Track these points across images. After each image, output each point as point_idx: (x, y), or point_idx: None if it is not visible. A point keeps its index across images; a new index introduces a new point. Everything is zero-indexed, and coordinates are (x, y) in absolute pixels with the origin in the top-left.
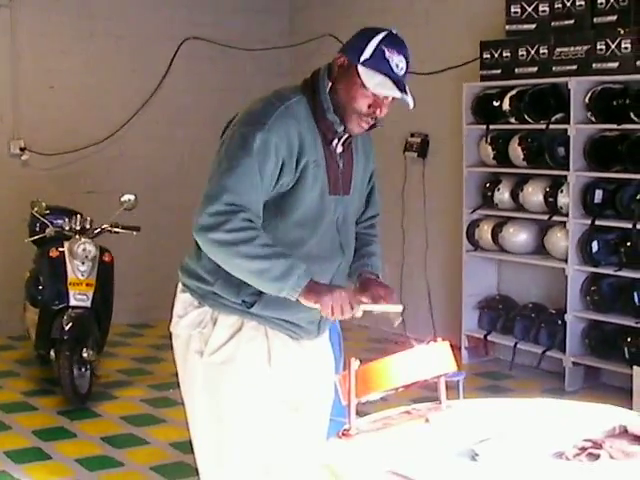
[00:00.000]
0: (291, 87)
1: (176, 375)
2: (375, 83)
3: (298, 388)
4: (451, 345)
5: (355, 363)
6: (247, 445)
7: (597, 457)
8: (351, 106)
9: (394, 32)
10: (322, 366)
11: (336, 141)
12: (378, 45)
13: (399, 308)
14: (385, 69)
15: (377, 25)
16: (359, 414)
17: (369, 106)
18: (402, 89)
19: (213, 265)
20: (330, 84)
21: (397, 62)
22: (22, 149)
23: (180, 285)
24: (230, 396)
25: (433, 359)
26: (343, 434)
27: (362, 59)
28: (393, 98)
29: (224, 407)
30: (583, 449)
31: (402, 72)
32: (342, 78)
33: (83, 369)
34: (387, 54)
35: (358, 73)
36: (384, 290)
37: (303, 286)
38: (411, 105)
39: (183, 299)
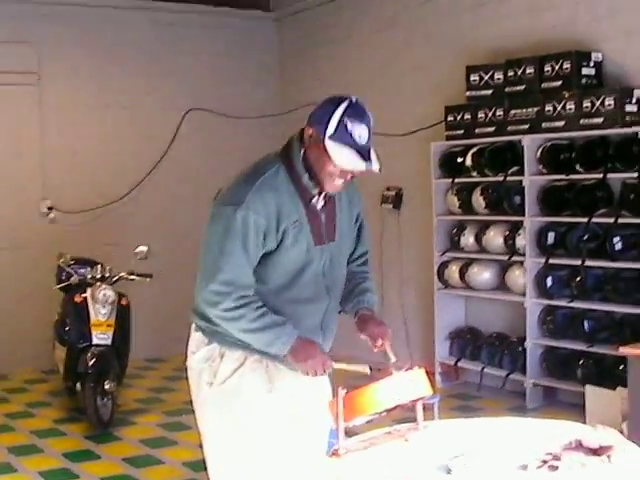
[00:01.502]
0: (271, 156)
1: (188, 403)
2: (341, 159)
3: (297, 411)
4: (426, 371)
5: (342, 392)
6: (253, 462)
7: (556, 469)
8: (323, 173)
9: (354, 100)
10: (319, 389)
11: (316, 198)
12: (341, 118)
13: (367, 369)
14: (349, 141)
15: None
16: (348, 435)
17: (340, 172)
18: (366, 158)
19: None
20: (303, 150)
21: (359, 132)
22: (49, 208)
23: (193, 325)
24: (236, 420)
25: (411, 385)
26: (333, 454)
27: (327, 134)
28: None
29: (231, 430)
30: (544, 462)
31: (365, 140)
32: (313, 148)
33: (105, 399)
34: (349, 126)
35: (325, 147)
36: (379, 329)
37: (285, 352)
38: (376, 170)
39: (195, 337)
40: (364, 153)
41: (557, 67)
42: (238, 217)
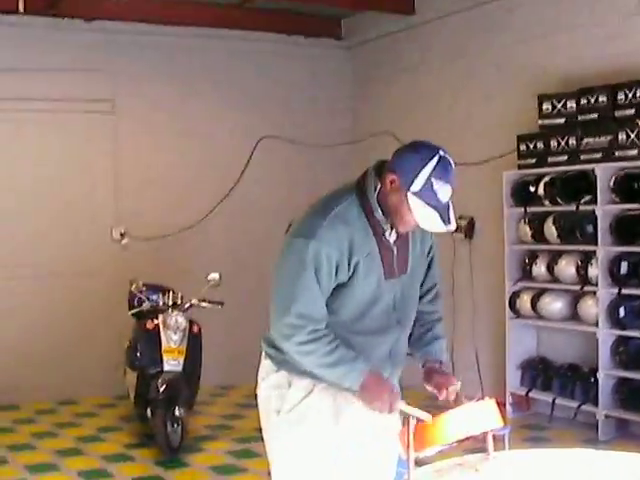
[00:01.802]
0: (345, 187)
1: (258, 430)
2: (422, 218)
3: (364, 440)
4: (497, 402)
5: (413, 421)
6: None
7: None
8: (399, 218)
9: (442, 156)
10: (387, 420)
11: (388, 232)
12: (429, 177)
13: (429, 418)
14: (433, 202)
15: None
16: (418, 465)
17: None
18: (446, 219)
19: None
20: (379, 187)
21: (444, 193)
22: (122, 234)
23: (263, 352)
24: (303, 449)
25: (482, 416)
26: None
27: (412, 190)
28: None
29: (297, 459)
30: None
31: (447, 199)
32: (392, 194)
33: (175, 425)
34: (435, 186)
35: (407, 199)
36: (444, 379)
37: (356, 387)
38: (452, 228)
39: (265, 365)
40: (445, 214)
41: (630, 95)
42: (310, 249)
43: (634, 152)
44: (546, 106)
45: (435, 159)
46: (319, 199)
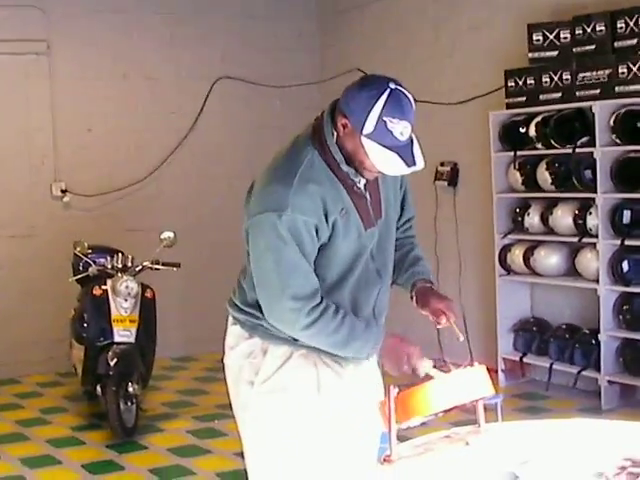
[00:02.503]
0: (301, 140)
1: (222, 406)
2: (381, 163)
3: (347, 412)
4: (488, 368)
5: (394, 390)
6: (298, 469)
7: (637, 476)
8: (361, 165)
9: (393, 89)
10: (371, 389)
11: (358, 179)
12: (379, 116)
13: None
14: (389, 142)
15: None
16: (400, 439)
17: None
18: (409, 161)
19: (257, 301)
20: (336, 135)
21: (401, 130)
22: (63, 191)
23: (230, 318)
24: (281, 423)
25: (470, 383)
26: (385, 460)
27: (364, 132)
28: None
29: (275, 433)
30: (623, 468)
31: (407, 136)
32: (348, 140)
33: (129, 403)
34: (389, 125)
35: (362, 143)
36: (442, 304)
37: (376, 355)
38: (419, 168)
39: (234, 331)
40: (406, 154)
41: (632, 23)
42: (284, 223)
43: (636, 87)
44: (537, 37)
45: (385, 95)
46: (275, 161)
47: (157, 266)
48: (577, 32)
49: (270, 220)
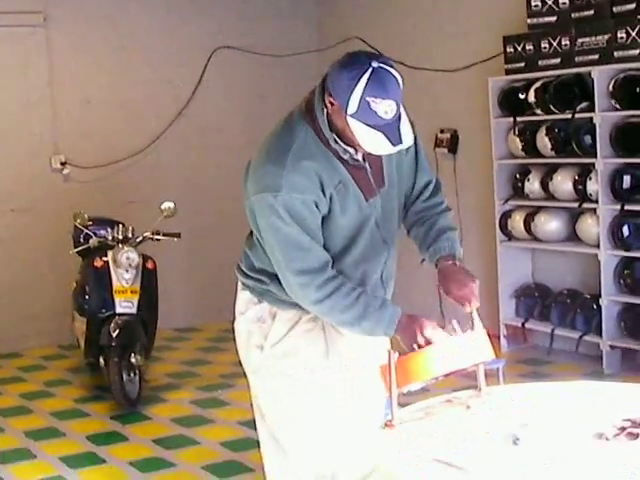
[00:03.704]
0: (295, 116)
1: (225, 376)
2: (366, 143)
3: (355, 374)
4: (490, 334)
5: (394, 355)
6: (306, 432)
7: (637, 436)
8: (349, 140)
9: (376, 68)
10: (379, 353)
11: (353, 151)
12: (362, 96)
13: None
14: (373, 122)
15: (400, 27)
16: (401, 404)
17: None
18: (395, 140)
19: (264, 267)
20: (326, 112)
21: (385, 109)
22: (63, 163)
23: (240, 284)
24: (289, 385)
25: (471, 347)
26: (386, 425)
27: (349, 112)
28: None
29: (284, 396)
30: (623, 429)
31: (392, 114)
32: (336, 117)
33: (132, 374)
34: (372, 105)
35: (348, 122)
36: (463, 291)
37: (392, 333)
38: (406, 146)
39: (243, 297)
40: (393, 133)
41: None
42: (281, 203)
43: (635, 52)
44: (535, 3)
45: (367, 74)
46: (269, 139)
47: (158, 237)
48: None
49: (266, 201)
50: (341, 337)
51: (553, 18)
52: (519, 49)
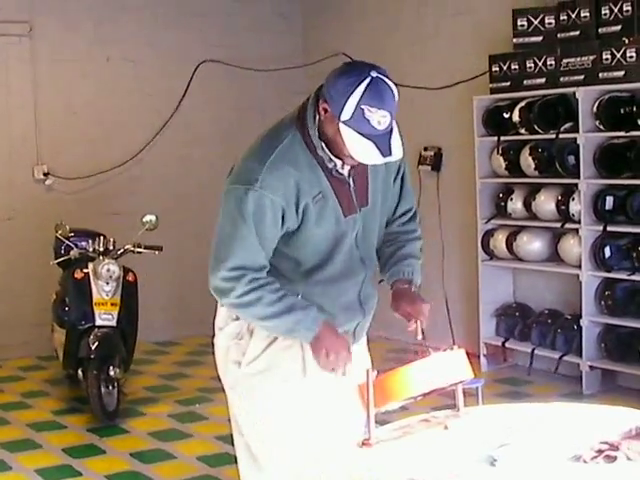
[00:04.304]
0: (285, 121)
1: (203, 390)
2: (356, 151)
3: (332, 394)
4: (470, 353)
5: (372, 374)
6: (283, 449)
7: (614, 459)
8: (338, 150)
9: (375, 77)
10: (357, 368)
11: (340, 164)
12: (358, 103)
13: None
14: (366, 131)
15: (386, 39)
16: (379, 423)
17: None
18: (385, 151)
19: None
20: (318, 119)
21: (379, 119)
22: (45, 174)
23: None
24: (267, 403)
25: (450, 367)
26: (363, 443)
27: (342, 118)
28: None
29: (261, 414)
30: (600, 451)
31: (385, 126)
32: (328, 125)
33: (110, 387)
34: (367, 114)
35: (340, 129)
36: (412, 308)
37: (310, 339)
38: (395, 159)
39: (222, 312)
40: (383, 144)
41: (616, 9)
42: (250, 198)
43: (620, 73)
44: (521, 22)
45: (365, 82)
46: (258, 138)
47: (139, 249)
48: (562, 18)
49: (237, 193)
50: None
51: (539, 38)
52: (504, 68)
